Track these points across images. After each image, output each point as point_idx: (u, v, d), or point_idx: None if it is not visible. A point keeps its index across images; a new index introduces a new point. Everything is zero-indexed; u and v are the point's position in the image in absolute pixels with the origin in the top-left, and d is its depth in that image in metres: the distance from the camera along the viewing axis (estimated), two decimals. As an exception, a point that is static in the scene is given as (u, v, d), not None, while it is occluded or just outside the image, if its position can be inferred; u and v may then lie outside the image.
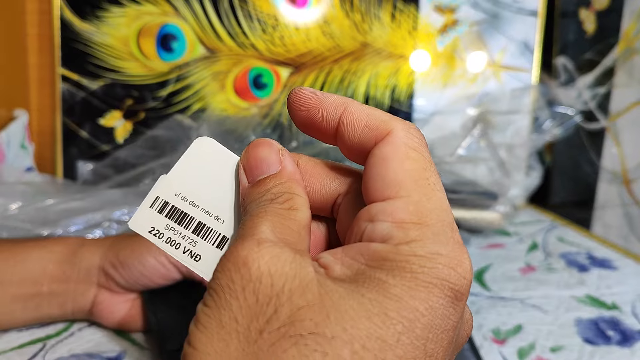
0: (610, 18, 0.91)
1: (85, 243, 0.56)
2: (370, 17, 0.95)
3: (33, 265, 0.54)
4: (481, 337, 0.58)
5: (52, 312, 0.56)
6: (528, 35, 0.97)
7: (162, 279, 0.55)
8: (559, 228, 0.91)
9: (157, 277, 0.55)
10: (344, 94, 0.96)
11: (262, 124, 0.93)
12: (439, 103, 0.97)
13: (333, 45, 0.95)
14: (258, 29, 0.93)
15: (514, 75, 0.98)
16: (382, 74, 0.97)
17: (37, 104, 0.92)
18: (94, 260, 0.55)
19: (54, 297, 0.55)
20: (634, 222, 0.83)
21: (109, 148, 0.92)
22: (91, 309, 0.56)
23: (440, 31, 0.97)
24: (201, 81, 0.93)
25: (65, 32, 0.89)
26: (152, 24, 0.91)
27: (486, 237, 0.86)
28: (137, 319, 0.57)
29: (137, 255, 0.53)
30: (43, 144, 0.93)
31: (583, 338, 0.59)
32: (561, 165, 1.00)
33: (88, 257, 0.55)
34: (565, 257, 0.79)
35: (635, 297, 0.68)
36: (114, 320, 0.57)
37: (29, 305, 0.54)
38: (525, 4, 0.97)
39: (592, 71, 0.93)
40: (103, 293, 0.56)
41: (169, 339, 0.53)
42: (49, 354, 0.54)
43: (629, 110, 0.86)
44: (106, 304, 0.56)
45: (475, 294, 0.68)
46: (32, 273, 0.54)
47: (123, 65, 0.91)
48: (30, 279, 0.54)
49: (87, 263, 0.55)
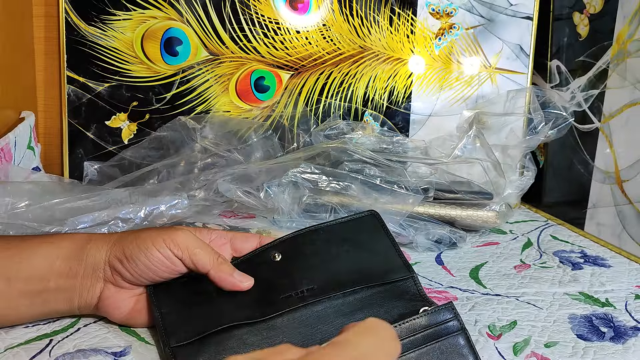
0: (604, 21, 0.92)
1: (92, 238, 0.57)
2: (368, 21, 0.97)
3: (40, 261, 0.54)
4: (477, 333, 0.59)
5: (58, 308, 0.56)
6: (523, 39, 0.99)
7: (167, 272, 0.56)
8: (553, 227, 0.92)
9: (163, 271, 0.55)
10: (344, 96, 0.98)
11: (263, 126, 0.95)
12: (435, 105, 0.99)
13: (333, 48, 0.97)
14: (260, 33, 0.95)
15: (509, 77, 0.99)
16: (380, 76, 0.98)
17: (43, 106, 0.94)
18: (100, 255, 0.55)
19: (60, 293, 0.55)
20: (627, 221, 0.85)
21: (115, 149, 0.93)
22: (97, 304, 0.56)
23: (437, 35, 0.98)
24: (204, 84, 0.95)
25: (72, 36, 0.91)
26: (157, 28, 0.92)
27: (481, 236, 0.87)
28: (143, 314, 0.57)
29: (143, 249, 0.54)
30: (50, 144, 0.95)
31: (577, 334, 0.60)
32: (555, 165, 1.01)
33: (94, 252, 0.55)
34: (559, 255, 0.80)
35: (628, 294, 0.69)
36: (120, 315, 0.57)
37: (36, 301, 0.55)
38: (520, 8, 0.98)
39: (586, 73, 0.95)
40: (109, 288, 0.56)
41: (172, 334, 0.53)
42: (55, 350, 0.54)
43: (621, 111, 0.88)
44: (112, 299, 0.56)
45: (471, 291, 0.69)
46: (39, 269, 0.54)
47: (128, 67, 0.92)
48: (37, 275, 0.54)
49: (93, 259, 0.55)
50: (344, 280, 0.57)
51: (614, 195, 0.87)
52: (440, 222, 0.81)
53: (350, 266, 0.59)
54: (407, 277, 0.59)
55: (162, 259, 0.55)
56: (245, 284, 0.57)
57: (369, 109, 0.99)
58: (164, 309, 0.56)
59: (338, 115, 0.98)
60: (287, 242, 0.61)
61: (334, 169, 0.82)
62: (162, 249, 0.54)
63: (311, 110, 0.97)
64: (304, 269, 0.59)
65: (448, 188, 0.84)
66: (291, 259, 0.60)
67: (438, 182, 0.84)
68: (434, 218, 0.82)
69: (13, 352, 0.53)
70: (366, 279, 0.58)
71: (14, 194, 0.72)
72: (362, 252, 0.61)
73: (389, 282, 0.58)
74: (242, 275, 0.57)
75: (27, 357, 0.53)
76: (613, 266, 0.77)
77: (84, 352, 0.54)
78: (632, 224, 0.84)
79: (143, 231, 0.57)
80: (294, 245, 0.61)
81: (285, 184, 0.80)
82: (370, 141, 0.91)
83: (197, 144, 0.87)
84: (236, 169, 0.81)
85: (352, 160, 0.83)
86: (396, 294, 0.57)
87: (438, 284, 0.71)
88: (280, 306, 0.55)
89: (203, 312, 0.55)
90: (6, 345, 0.54)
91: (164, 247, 0.54)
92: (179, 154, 0.87)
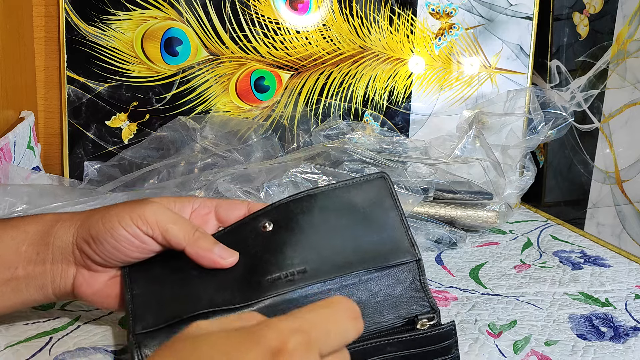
0: (604, 21, 0.92)
1: (61, 219, 0.51)
2: (368, 21, 0.97)
3: (6, 247, 0.50)
4: (477, 331, 0.59)
5: (33, 297, 0.52)
6: (523, 39, 0.99)
7: (139, 252, 0.50)
8: (553, 227, 0.92)
9: (133, 251, 0.50)
10: (344, 96, 0.98)
11: (263, 126, 0.95)
12: (435, 105, 0.99)
13: (333, 48, 0.97)
14: (260, 33, 0.95)
15: (509, 77, 1.00)
16: (380, 76, 0.98)
17: (43, 106, 0.94)
18: (67, 237, 0.50)
19: (31, 280, 0.51)
20: (626, 221, 0.85)
21: (115, 149, 0.93)
22: (73, 291, 0.52)
23: (437, 35, 0.98)
24: (204, 84, 0.95)
25: (72, 36, 0.91)
26: (157, 28, 0.93)
27: (481, 236, 0.87)
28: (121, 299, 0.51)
29: (109, 228, 0.48)
30: (50, 144, 0.95)
31: (577, 334, 0.60)
32: (555, 165, 1.01)
33: (61, 234, 0.50)
34: (559, 255, 0.80)
35: (628, 294, 0.69)
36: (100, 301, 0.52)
37: (5, 290, 0.50)
38: (520, 8, 0.98)
39: (586, 73, 0.95)
40: (83, 273, 0.51)
41: (140, 320, 0.48)
42: (55, 347, 0.53)
43: (621, 111, 0.88)
44: (87, 284, 0.51)
45: (471, 291, 0.69)
46: (5, 256, 0.50)
47: (128, 67, 0.93)
48: (4, 262, 0.50)
49: (60, 242, 0.50)
50: (339, 261, 0.51)
51: (614, 195, 0.87)
52: (440, 222, 0.81)
53: (349, 244, 0.52)
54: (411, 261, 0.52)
55: (131, 239, 0.49)
56: (227, 261, 0.50)
57: (369, 109, 0.99)
58: (137, 289, 0.50)
59: (338, 115, 0.98)
60: (280, 208, 0.53)
61: (334, 169, 0.82)
62: (129, 227, 0.48)
63: (311, 110, 0.97)
64: (297, 244, 0.51)
65: (448, 188, 0.84)
66: (283, 231, 0.52)
67: (438, 182, 0.84)
68: (433, 218, 0.82)
69: (13, 350, 0.53)
70: (365, 261, 0.51)
71: (12, 195, 0.72)
72: (364, 227, 0.53)
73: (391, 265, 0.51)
74: (225, 250, 0.50)
75: (27, 354, 0.52)
76: (613, 266, 0.77)
77: (84, 350, 0.53)
78: (632, 224, 0.84)
79: (112, 207, 0.50)
80: (288, 213, 0.53)
81: (285, 184, 0.80)
82: (370, 141, 0.91)
83: (197, 144, 0.87)
84: (236, 169, 0.81)
85: (352, 160, 0.83)
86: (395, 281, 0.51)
87: (438, 283, 0.71)
88: (265, 291, 0.48)
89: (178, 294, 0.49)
90: (6, 342, 0.54)
91: (131, 224, 0.48)
92: (179, 154, 0.87)
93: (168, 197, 0.54)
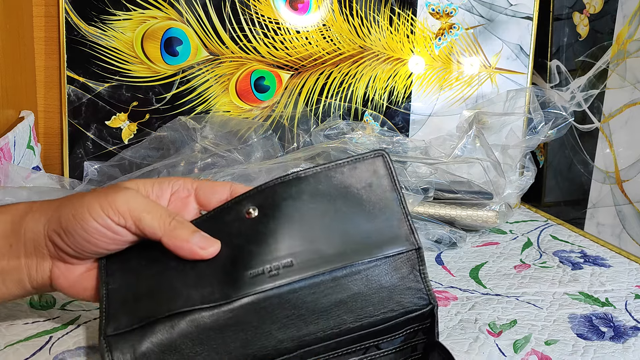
0: (603, 21, 0.92)
1: (32, 209, 0.48)
2: (368, 21, 0.97)
3: None
4: (477, 330, 0.59)
5: (11, 291, 0.49)
6: (523, 39, 0.99)
7: (113, 244, 0.47)
8: (553, 227, 0.92)
9: (107, 243, 0.46)
10: (344, 96, 0.98)
11: (263, 126, 0.95)
12: (435, 105, 0.99)
13: (333, 48, 0.97)
14: (260, 33, 0.95)
15: (509, 77, 1.00)
16: (380, 76, 0.98)
17: (43, 106, 0.94)
18: (38, 228, 0.47)
19: (7, 275, 0.48)
20: (626, 221, 0.85)
21: (115, 149, 0.93)
22: (52, 285, 0.49)
23: (437, 35, 0.99)
24: (204, 84, 0.95)
25: (72, 36, 0.91)
26: (157, 28, 0.93)
27: (481, 236, 0.87)
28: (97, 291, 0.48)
29: (79, 219, 0.45)
30: (50, 144, 0.95)
31: (577, 334, 0.60)
32: (555, 165, 1.01)
33: (32, 226, 0.47)
34: (559, 255, 0.80)
35: (628, 293, 0.69)
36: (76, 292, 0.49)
37: None
38: (520, 8, 0.98)
39: (586, 73, 0.95)
40: (58, 266, 0.48)
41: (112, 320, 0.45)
42: (55, 347, 0.53)
43: (621, 111, 0.88)
44: (64, 278, 0.48)
45: (471, 291, 0.69)
46: None
47: (128, 67, 0.93)
48: None
49: (32, 233, 0.47)
50: (330, 253, 0.46)
51: (614, 195, 0.87)
52: (440, 222, 0.81)
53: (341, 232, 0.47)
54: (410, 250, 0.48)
55: (102, 230, 0.45)
56: (207, 251, 0.46)
57: (369, 109, 0.99)
58: (113, 283, 0.46)
59: (338, 115, 0.98)
60: (266, 192, 0.48)
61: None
62: (100, 217, 0.45)
63: (311, 110, 0.97)
64: (283, 233, 0.47)
65: (448, 188, 0.84)
66: (269, 218, 0.47)
67: (438, 182, 0.84)
68: (433, 218, 0.82)
69: (13, 349, 0.52)
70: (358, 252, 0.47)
71: (12, 195, 0.72)
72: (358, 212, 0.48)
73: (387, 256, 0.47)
74: (205, 240, 0.46)
75: (27, 354, 0.52)
76: (613, 266, 0.77)
77: (84, 350, 0.53)
78: (632, 224, 0.84)
79: (84, 195, 0.47)
80: (275, 198, 0.48)
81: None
82: (370, 141, 0.91)
83: (197, 144, 0.87)
84: (236, 169, 0.81)
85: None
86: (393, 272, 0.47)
87: (438, 283, 0.71)
88: (246, 288, 0.44)
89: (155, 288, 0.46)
90: (6, 342, 0.53)
91: (102, 214, 0.45)
92: (179, 154, 0.87)
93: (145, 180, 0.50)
